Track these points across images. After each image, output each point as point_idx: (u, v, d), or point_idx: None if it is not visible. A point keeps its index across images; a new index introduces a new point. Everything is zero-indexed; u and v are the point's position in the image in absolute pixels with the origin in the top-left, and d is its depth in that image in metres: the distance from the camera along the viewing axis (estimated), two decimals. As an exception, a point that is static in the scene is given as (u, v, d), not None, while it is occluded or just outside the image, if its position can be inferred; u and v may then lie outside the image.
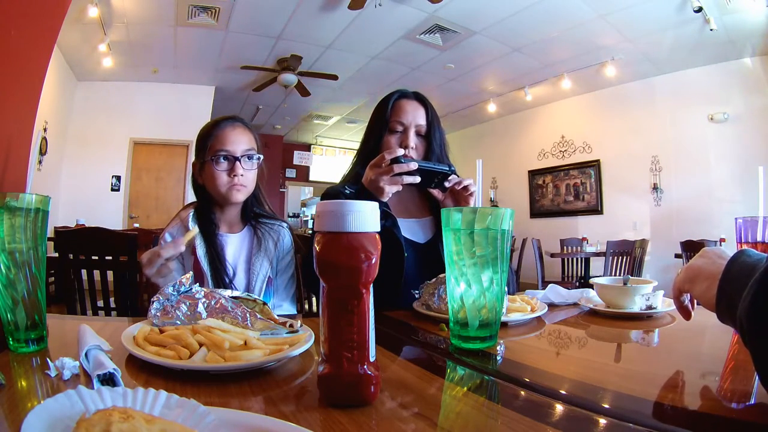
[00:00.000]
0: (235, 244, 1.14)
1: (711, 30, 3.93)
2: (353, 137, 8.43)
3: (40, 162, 4.47)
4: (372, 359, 0.44)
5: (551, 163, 6.34)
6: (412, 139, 1.16)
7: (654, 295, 0.87)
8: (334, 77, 5.47)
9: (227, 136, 1.09)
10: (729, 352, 0.62)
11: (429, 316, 0.84)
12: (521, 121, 6.68)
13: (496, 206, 0.98)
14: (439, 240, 1.10)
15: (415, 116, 1.17)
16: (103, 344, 0.52)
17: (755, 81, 4.45)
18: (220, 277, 1.06)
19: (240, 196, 1.11)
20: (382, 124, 1.18)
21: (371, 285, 0.44)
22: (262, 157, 1.15)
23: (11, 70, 1.03)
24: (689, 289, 0.56)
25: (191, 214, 1.11)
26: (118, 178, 5.68)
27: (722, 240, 4.20)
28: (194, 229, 0.91)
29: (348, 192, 1.11)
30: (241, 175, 1.08)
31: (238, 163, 1.08)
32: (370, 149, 1.19)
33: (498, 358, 0.61)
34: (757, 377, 0.45)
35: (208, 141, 1.09)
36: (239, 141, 1.10)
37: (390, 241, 1.05)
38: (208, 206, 1.14)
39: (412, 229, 1.17)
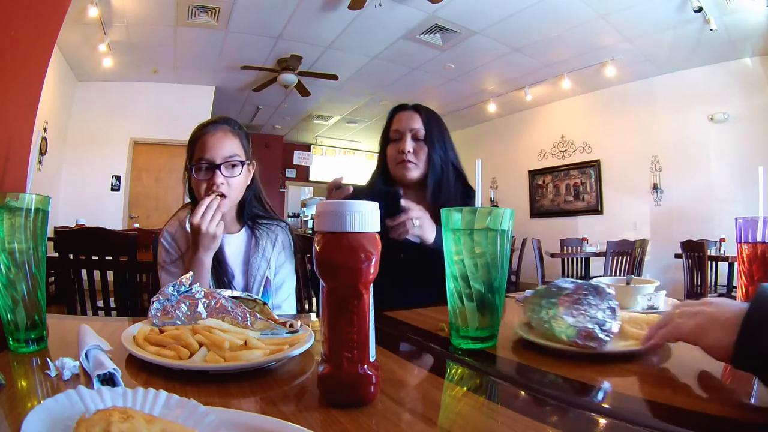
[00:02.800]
0: (232, 245, 1.13)
1: (711, 30, 3.93)
2: (353, 137, 8.42)
3: (40, 162, 4.47)
4: (372, 359, 0.44)
5: (551, 163, 6.34)
6: (408, 144, 1.21)
7: (656, 295, 0.86)
8: (334, 77, 5.47)
9: (207, 143, 1.04)
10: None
11: (432, 317, 0.84)
12: (521, 121, 6.68)
13: (496, 206, 0.98)
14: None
15: (408, 122, 1.23)
16: (103, 344, 0.52)
17: (755, 81, 4.45)
18: (220, 278, 1.06)
19: (221, 207, 1.04)
20: (385, 137, 1.28)
21: (371, 285, 0.44)
22: (248, 162, 1.09)
23: (11, 70, 1.03)
24: (698, 339, 0.48)
25: (190, 213, 1.10)
26: (118, 178, 5.68)
27: (722, 240, 4.19)
28: None
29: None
30: (222, 184, 1.03)
31: (218, 171, 1.03)
32: (381, 161, 1.30)
33: (498, 358, 0.61)
34: (756, 379, 0.45)
35: (193, 147, 1.07)
36: (220, 147, 1.04)
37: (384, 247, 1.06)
38: None
39: None
